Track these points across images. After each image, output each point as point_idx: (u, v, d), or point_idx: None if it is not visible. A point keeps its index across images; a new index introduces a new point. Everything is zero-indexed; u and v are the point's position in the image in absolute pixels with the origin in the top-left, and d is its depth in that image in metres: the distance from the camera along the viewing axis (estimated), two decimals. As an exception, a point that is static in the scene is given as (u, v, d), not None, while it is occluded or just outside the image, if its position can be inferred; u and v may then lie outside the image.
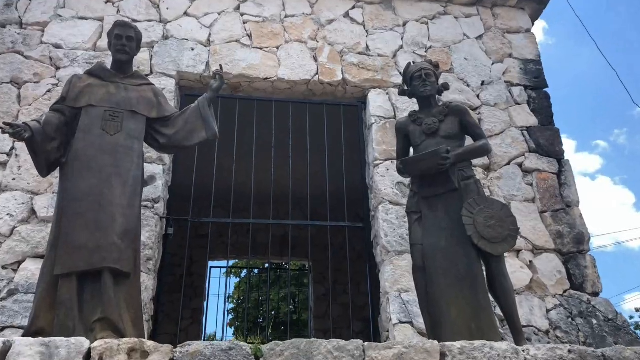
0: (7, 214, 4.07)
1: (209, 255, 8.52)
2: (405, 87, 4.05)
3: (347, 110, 5.06)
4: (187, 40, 5.03)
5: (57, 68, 4.71)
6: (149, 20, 5.08)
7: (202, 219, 4.46)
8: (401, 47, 5.26)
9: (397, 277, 4.17)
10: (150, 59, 4.88)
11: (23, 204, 4.11)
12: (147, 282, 3.98)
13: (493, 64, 5.28)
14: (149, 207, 4.22)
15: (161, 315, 4.34)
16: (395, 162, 4.53)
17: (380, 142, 4.70)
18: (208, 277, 8.72)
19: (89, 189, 3.01)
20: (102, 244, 2.88)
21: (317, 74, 5.02)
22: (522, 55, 5.34)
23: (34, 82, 4.62)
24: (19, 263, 3.94)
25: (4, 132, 2.97)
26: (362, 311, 8.09)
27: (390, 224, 4.36)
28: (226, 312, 15.87)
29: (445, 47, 5.31)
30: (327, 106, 5.01)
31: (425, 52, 5.25)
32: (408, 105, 4.91)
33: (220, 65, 3.73)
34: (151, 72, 4.83)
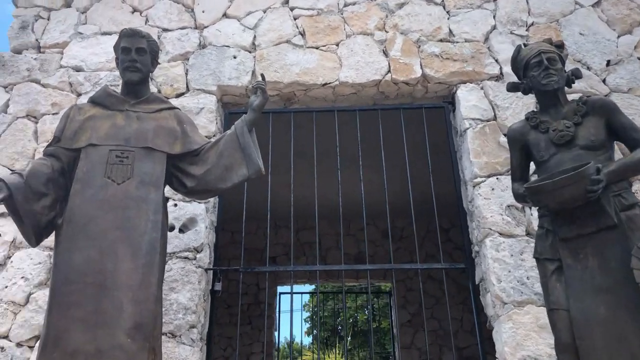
0: (22, 277, 3.33)
1: (277, 279, 7.69)
2: (517, 80, 2.94)
3: (430, 114, 3.99)
4: (227, 47, 4.15)
5: (78, 94, 3.97)
6: (182, 28, 4.25)
7: (256, 267, 3.54)
8: (494, 27, 4.11)
9: (519, 339, 3.05)
10: (186, 74, 4.04)
11: (40, 263, 3.36)
12: (191, 358, 3.11)
13: (619, 36, 4.02)
14: (190, 258, 3.35)
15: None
16: (500, 178, 3.42)
17: (479, 153, 3.59)
18: (278, 305, 7.88)
19: (86, 265, 2.16)
20: (104, 347, 2.02)
21: (388, 71, 3.98)
22: (658, 22, 4.04)
23: (52, 114, 3.89)
24: (37, 338, 3.19)
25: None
26: (457, 338, 6.95)
27: (504, 263, 3.25)
28: (302, 321, 15.09)
29: (552, 21, 4.11)
30: (404, 111, 3.96)
31: (527, 30, 4.08)
32: (512, 102, 3.77)
33: (262, 75, 2.79)
34: (187, 90, 3.99)
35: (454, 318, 7.27)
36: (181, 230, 3.44)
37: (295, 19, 4.27)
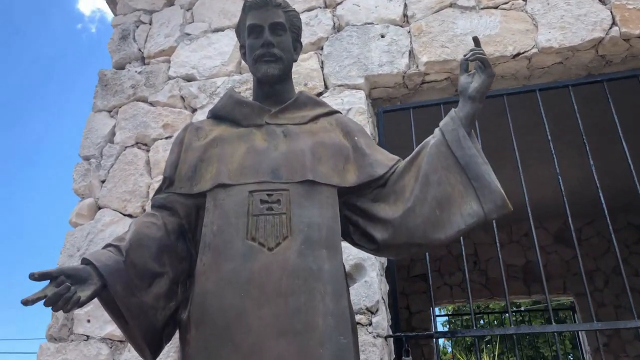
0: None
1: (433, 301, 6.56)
2: None
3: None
4: (371, 24, 3.11)
5: (193, 110, 3.15)
6: (309, 10, 3.28)
7: (462, 332, 2.46)
8: None
9: None
10: (321, 67, 3.06)
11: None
12: None
13: None
14: (362, 324, 2.35)
15: None
16: None
17: None
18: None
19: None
20: None
21: (613, 24, 2.72)
22: None
23: (165, 138, 3.10)
24: None
25: (34, 302, 1.30)
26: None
27: None
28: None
29: None
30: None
31: None
32: None
33: (476, 39, 1.67)
34: (325, 88, 3.02)
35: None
36: (346, 284, 2.45)
37: (456, -25, 3.13)
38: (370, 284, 2.42)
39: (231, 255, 1.40)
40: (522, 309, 10.34)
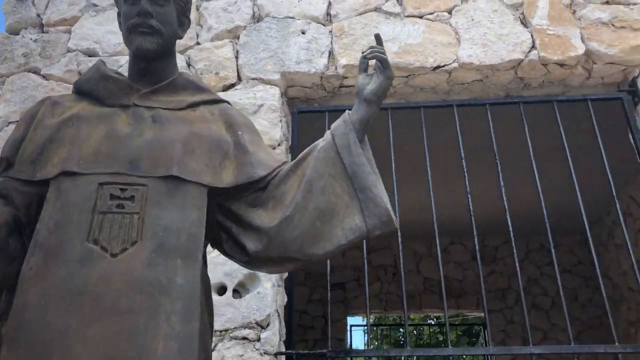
0: None
1: (348, 310, 6.47)
2: None
3: (599, 109, 2.66)
4: (292, 18, 2.94)
5: (90, 89, 2.85)
6: (231, -5, 3.07)
7: (356, 351, 2.32)
8: (690, -22, 2.75)
9: None
10: (236, 58, 2.86)
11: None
12: None
13: None
14: (250, 339, 2.16)
15: None
16: None
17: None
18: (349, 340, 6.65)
19: None
20: None
21: (533, 47, 2.69)
22: None
23: (53, 117, 2.79)
24: None
25: None
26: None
27: None
28: None
29: None
30: (558, 104, 2.65)
31: None
32: None
33: (378, 36, 1.53)
34: (239, 79, 2.81)
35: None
36: (236, 293, 2.25)
37: (386, -21, 3.02)
38: (263, 296, 2.24)
39: (65, 259, 1.16)
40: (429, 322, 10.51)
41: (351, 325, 6.88)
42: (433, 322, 10.82)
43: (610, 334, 2.29)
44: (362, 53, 1.46)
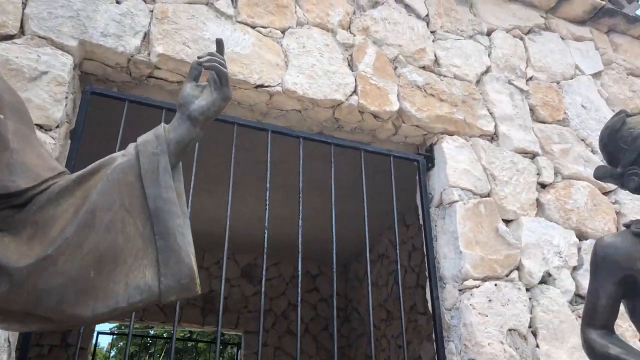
0: None
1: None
2: (607, 163, 1.88)
3: (399, 167, 2.77)
4: (109, -18, 2.47)
5: None
6: None
7: None
8: (488, 69, 3.09)
9: None
10: (24, 4, 2.28)
11: None
12: None
13: (619, 121, 3.28)
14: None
15: None
16: (499, 285, 2.34)
17: (472, 242, 2.46)
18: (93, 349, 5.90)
19: None
20: None
21: (354, 92, 2.69)
22: (658, 115, 3.39)
23: None
24: None
25: None
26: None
27: None
28: None
29: (553, 81, 3.22)
30: (365, 153, 2.69)
31: (526, 83, 3.12)
32: (512, 175, 2.73)
33: (219, 42, 1.27)
34: (21, 33, 2.24)
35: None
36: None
37: (224, -24, 2.76)
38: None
39: None
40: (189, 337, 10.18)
41: (98, 332, 6.19)
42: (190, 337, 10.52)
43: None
44: (198, 58, 1.19)
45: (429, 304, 2.46)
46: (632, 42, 3.61)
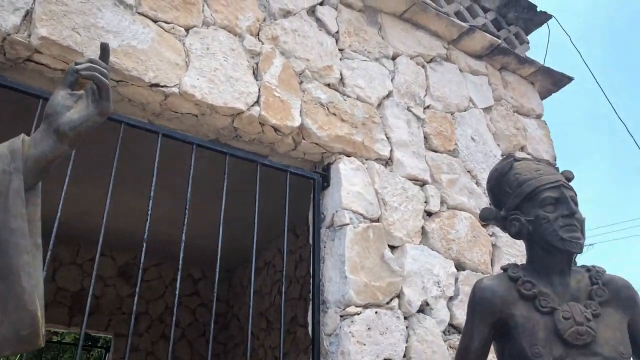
0: None
1: None
2: (494, 206, 1.96)
3: (295, 180, 2.72)
4: (-12, -54, 2.17)
5: None
6: None
7: None
8: (390, 93, 3.14)
9: None
10: None
11: None
12: None
13: (503, 155, 3.49)
14: None
15: None
16: (380, 313, 2.38)
17: (357, 267, 2.47)
18: None
19: None
20: None
21: (257, 102, 2.60)
22: (536, 152, 3.65)
23: None
24: None
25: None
26: None
27: None
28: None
29: (448, 112, 3.35)
30: (261, 166, 2.60)
31: (423, 111, 3.22)
32: (401, 201, 2.79)
33: (104, 46, 1.12)
34: None
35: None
36: None
37: (127, -40, 2.54)
38: None
39: None
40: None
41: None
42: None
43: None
44: (76, 64, 1.05)
45: (309, 328, 2.43)
46: (520, 81, 3.86)
